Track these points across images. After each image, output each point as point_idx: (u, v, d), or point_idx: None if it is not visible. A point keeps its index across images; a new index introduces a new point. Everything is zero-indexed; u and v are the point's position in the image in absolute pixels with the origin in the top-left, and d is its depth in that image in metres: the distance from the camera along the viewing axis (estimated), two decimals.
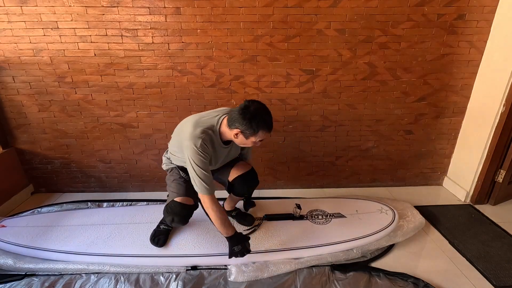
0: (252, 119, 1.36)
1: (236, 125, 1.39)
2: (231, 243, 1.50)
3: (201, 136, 1.40)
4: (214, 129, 1.46)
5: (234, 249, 1.49)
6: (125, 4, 1.92)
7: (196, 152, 1.39)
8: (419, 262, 1.72)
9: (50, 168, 2.36)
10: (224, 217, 1.48)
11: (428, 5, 2.00)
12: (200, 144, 1.39)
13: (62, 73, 2.07)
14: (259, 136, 1.41)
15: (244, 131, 1.39)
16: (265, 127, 1.39)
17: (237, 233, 1.52)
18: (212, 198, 1.45)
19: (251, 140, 1.43)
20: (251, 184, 1.76)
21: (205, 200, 1.46)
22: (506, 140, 2.09)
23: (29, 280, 1.57)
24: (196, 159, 1.40)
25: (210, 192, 1.45)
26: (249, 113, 1.36)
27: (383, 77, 2.19)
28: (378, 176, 2.53)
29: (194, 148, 1.39)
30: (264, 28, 2.01)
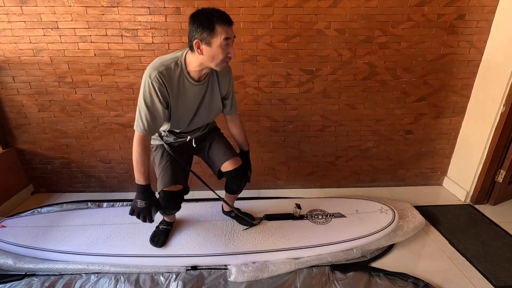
0: (202, 16, 1.18)
1: (193, 37, 1.21)
2: (137, 194, 1.39)
3: (158, 68, 1.25)
4: (179, 62, 1.30)
5: (137, 202, 1.37)
6: (125, 4, 1.92)
7: (148, 83, 1.26)
8: (419, 262, 1.72)
9: (50, 168, 2.36)
10: (142, 163, 1.35)
11: (428, 5, 2.00)
12: (154, 76, 1.24)
13: (62, 73, 2.08)
14: (219, 32, 1.18)
15: (201, 36, 1.19)
16: (220, 19, 1.18)
17: (149, 189, 1.39)
18: (143, 138, 1.33)
19: (216, 45, 1.20)
20: (240, 180, 1.67)
21: (135, 136, 1.35)
22: (506, 140, 2.09)
23: (29, 280, 1.57)
24: (144, 90, 1.27)
25: (144, 133, 1.32)
26: (197, 14, 1.20)
27: (383, 77, 2.19)
28: (378, 176, 2.53)
29: (148, 79, 1.25)
30: (264, 28, 2.01)
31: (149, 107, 1.30)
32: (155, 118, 1.32)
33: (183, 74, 1.32)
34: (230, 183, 1.70)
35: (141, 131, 1.33)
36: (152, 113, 1.31)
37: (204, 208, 2.09)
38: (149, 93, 1.27)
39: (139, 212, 1.38)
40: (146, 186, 1.39)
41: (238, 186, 1.71)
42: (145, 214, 1.38)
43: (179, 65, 1.31)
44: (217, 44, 1.21)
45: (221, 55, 1.24)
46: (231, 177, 1.64)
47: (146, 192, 1.39)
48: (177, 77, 1.31)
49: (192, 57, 1.29)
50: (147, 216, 1.39)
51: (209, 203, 2.15)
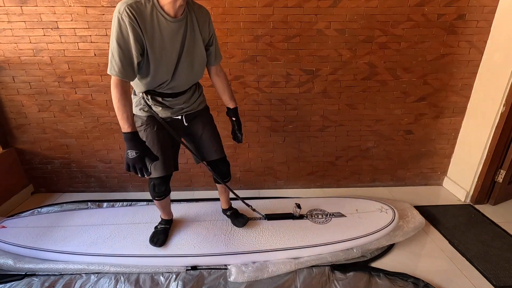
0: None
1: None
2: (127, 144, 1.26)
3: (127, 1, 1.16)
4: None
5: (128, 154, 1.25)
6: None
7: (117, 19, 1.16)
8: (419, 262, 1.72)
9: (50, 168, 2.36)
10: (123, 109, 1.24)
11: (428, 5, 2.00)
12: (123, 10, 1.14)
13: (62, 73, 2.08)
14: None
15: None
16: None
17: (136, 136, 1.28)
18: (119, 81, 1.23)
19: None
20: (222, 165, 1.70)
21: (112, 82, 1.25)
22: (506, 140, 2.09)
23: (29, 280, 1.57)
24: (114, 27, 1.17)
25: (120, 75, 1.22)
26: None
27: (383, 77, 2.19)
28: (378, 176, 2.53)
29: (117, 14, 1.15)
30: (264, 28, 2.01)
31: (121, 45, 1.18)
32: (129, 58, 1.22)
33: (155, 8, 1.21)
34: (214, 169, 1.71)
35: (115, 74, 1.22)
36: (124, 52, 1.19)
37: (204, 208, 2.09)
38: (119, 28, 1.17)
39: (133, 164, 1.26)
40: (132, 133, 1.26)
41: (221, 170, 1.71)
42: (140, 165, 1.26)
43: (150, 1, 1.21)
44: None
45: None
46: (213, 165, 1.69)
47: (134, 140, 1.27)
48: (149, 11, 1.20)
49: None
50: (142, 168, 1.27)
51: (209, 203, 2.16)
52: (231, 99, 1.64)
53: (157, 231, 1.80)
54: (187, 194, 2.40)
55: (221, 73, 1.60)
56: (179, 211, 2.02)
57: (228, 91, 1.63)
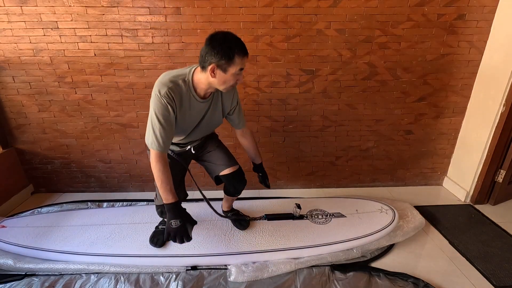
0: (223, 44, 1.21)
1: (209, 60, 1.23)
2: (169, 214, 1.31)
3: (168, 84, 1.27)
4: (186, 79, 1.32)
5: (171, 223, 1.29)
6: (125, 4, 1.92)
7: (158, 99, 1.26)
8: (419, 262, 1.72)
9: (50, 168, 2.36)
10: (167, 180, 1.31)
11: (428, 5, 2.00)
12: (164, 92, 1.26)
13: (62, 73, 2.08)
14: (236, 63, 1.24)
15: (219, 62, 1.22)
16: (240, 49, 1.23)
17: (179, 205, 1.34)
18: (160, 155, 1.30)
19: (231, 73, 1.26)
20: (238, 183, 1.68)
21: (152, 155, 1.31)
22: (506, 140, 2.09)
23: (29, 280, 1.57)
24: (156, 106, 1.27)
25: (161, 149, 1.30)
26: (218, 40, 1.22)
27: (383, 77, 2.19)
28: (378, 176, 2.53)
29: (158, 95, 1.27)
30: (264, 28, 2.01)
31: (162, 123, 1.29)
32: (168, 133, 1.32)
33: (190, 91, 1.34)
34: (227, 185, 1.71)
35: (157, 149, 1.30)
36: (165, 128, 1.30)
37: (204, 208, 2.09)
38: (160, 109, 1.28)
39: (175, 233, 1.30)
40: (176, 203, 1.32)
41: (235, 189, 1.71)
42: (182, 234, 1.30)
43: (187, 83, 1.33)
44: (232, 72, 1.26)
45: (232, 81, 1.30)
46: (228, 180, 1.66)
47: (177, 209, 1.32)
48: (184, 93, 1.33)
49: (201, 76, 1.31)
50: (184, 236, 1.30)
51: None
52: (256, 155, 1.75)
53: (158, 231, 1.80)
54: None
55: (247, 135, 1.69)
56: None
57: (254, 150, 1.73)
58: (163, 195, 1.32)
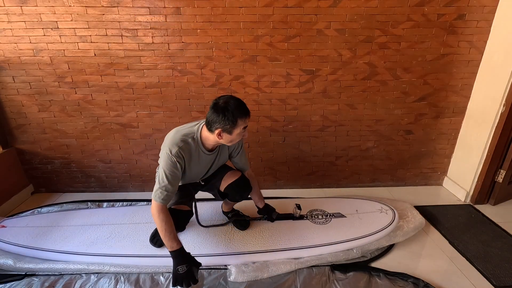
0: (226, 112, 1.33)
1: (215, 126, 1.37)
2: (175, 260, 1.36)
3: (179, 144, 1.40)
4: (195, 137, 1.46)
5: (178, 269, 1.33)
6: (125, 4, 1.92)
7: (169, 157, 1.39)
8: (419, 262, 1.72)
9: (50, 168, 2.36)
10: (170, 229, 1.38)
11: (428, 5, 2.00)
12: (175, 152, 1.39)
13: (62, 73, 2.08)
14: (239, 125, 1.37)
15: (224, 127, 1.36)
16: (241, 114, 1.36)
17: (184, 251, 1.39)
18: (161, 207, 1.38)
19: (236, 133, 1.40)
20: (243, 190, 1.70)
21: (154, 207, 1.38)
22: (506, 140, 2.09)
23: (29, 280, 1.57)
24: (166, 164, 1.39)
25: (163, 202, 1.38)
26: (221, 108, 1.34)
27: (383, 77, 2.19)
28: (378, 176, 2.53)
29: (168, 153, 1.39)
30: (264, 28, 2.01)
31: (170, 180, 1.39)
32: (173, 187, 1.42)
33: (198, 147, 1.47)
34: (233, 195, 1.72)
35: (160, 202, 1.38)
36: (171, 184, 1.40)
37: (204, 208, 2.09)
38: (171, 167, 1.39)
39: (182, 279, 1.32)
40: (180, 249, 1.38)
41: (242, 196, 1.74)
42: (188, 279, 1.33)
43: (196, 140, 1.46)
44: (237, 133, 1.40)
45: (238, 139, 1.45)
46: (232, 189, 1.68)
47: (182, 255, 1.38)
48: (194, 149, 1.46)
49: (208, 135, 1.43)
50: (191, 280, 1.33)
51: (209, 203, 2.15)
52: (259, 199, 1.84)
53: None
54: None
55: (251, 178, 1.76)
56: None
57: (257, 194, 1.82)
58: (167, 243, 1.38)
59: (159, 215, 1.37)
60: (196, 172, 1.57)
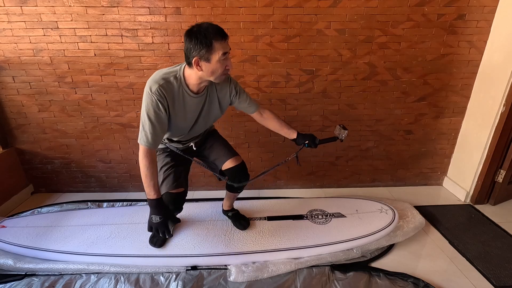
0: (199, 35, 1.20)
1: (191, 55, 1.24)
2: (151, 210, 1.36)
3: (159, 82, 1.28)
4: (178, 76, 1.33)
5: (152, 218, 1.35)
6: (125, 4, 1.92)
7: (149, 96, 1.28)
8: (419, 262, 1.72)
9: (50, 168, 2.36)
10: (151, 176, 1.34)
11: (428, 5, 2.00)
12: (156, 89, 1.27)
13: (62, 73, 2.08)
14: (217, 48, 1.23)
15: (200, 53, 1.22)
16: (216, 35, 1.22)
17: (161, 202, 1.38)
18: (148, 151, 1.32)
19: (215, 60, 1.25)
20: (243, 178, 1.69)
21: (140, 151, 1.33)
22: (506, 140, 2.09)
23: (29, 280, 1.57)
24: (147, 104, 1.29)
25: (148, 145, 1.31)
26: (193, 32, 1.22)
27: (383, 77, 2.19)
28: (378, 176, 2.53)
29: (148, 91, 1.28)
30: (264, 28, 2.01)
31: (152, 120, 1.30)
32: (158, 130, 1.33)
33: (182, 87, 1.35)
34: (231, 180, 1.69)
35: (145, 145, 1.32)
36: (154, 126, 1.31)
37: (204, 208, 2.09)
38: (151, 106, 1.29)
39: (156, 227, 1.37)
40: (158, 199, 1.37)
41: (240, 182, 1.70)
42: (163, 229, 1.37)
43: (178, 79, 1.34)
44: (216, 59, 1.25)
45: (220, 69, 1.29)
46: (232, 173, 1.66)
47: (159, 206, 1.37)
48: (176, 90, 1.34)
49: (190, 72, 1.32)
50: (165, 231, 1.38)
51: (209, 203, 2.16)
52: (289, 129, 1.66)
53: None
54: (187, 194, 2.39)
55: (266, 113, 1.65)
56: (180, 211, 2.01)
57: (283, 125, 1.65)
58: (146, 190, 1.35)
59: (143, 159, 1.33)
60: (183, 119, 1.42)
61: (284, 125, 1.65)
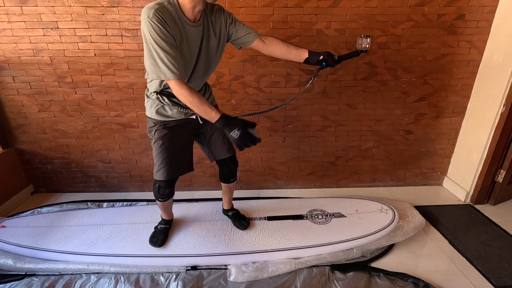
0: None
1: None
2: (226, 129, 1.24)
3: (154, 7, 1.18)
4: (172, 1, 1.24)
5: (232, 136, 1.23)
6: (125, 4, 1.92)
7: (149, 24, 1.16)
8: (419, 262, 1.72)
9: (50, 168, 2.36)
10: (199, 100, 1.23)
11: (428, 5, 2.00)
12: (153, 14, 1.16)
13: (62, 73, 2.08)
14: None
15: None
16: None
17: (228, 117, 1.25)
18: (179, 82, 1.22)
19: None
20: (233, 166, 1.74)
21: (174, 87, 1.23)
22: (506, 140, 2.09)
23: (29, 280, 1.57)
24: (149, 32, 1.17)
25: (177, 76, 1.21)
26: None
27: (383, 77, 2.19)
28: (378, 176, 2.53)
29: (147, 19, 1.16)
30: (264, 28, 2.01)
31: (164, 47, 1.18)
32: (176, 56, 1.21)
33: (178, 14, 1.24)
34: (222, 168, 1.75)
35: (173, 77, 1.20)
36: (169, 52, 1.19)
37: (204, 208, 2.09)
38: (155, 32, 1.17)
39: (244, 141, 1.23)
40: (222, 116, 1.24)
41: (230, 170, 1.75)
42: (249, 139, 1.24)
43: (173, 5, 1.23)
44: None
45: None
46: (224, 163, 1.71)
47: (229, 120, 1.24)
48: (174, 14, 1.23)
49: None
50: (252, 139, 1.24)
51: (209, 203, 2.16)
52: (298, 50, 1.48)
53: (157, 231, 1.80)
54: (187, 194, 2.40)
55: (268, 39, 1.49)
56: (179, 211, 2.02)
57: (290, 47, 1.48)
58: (206, 116, 1.25)
59: (182, 92, 1.22)
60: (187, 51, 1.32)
61: (292, 46, 1.48)
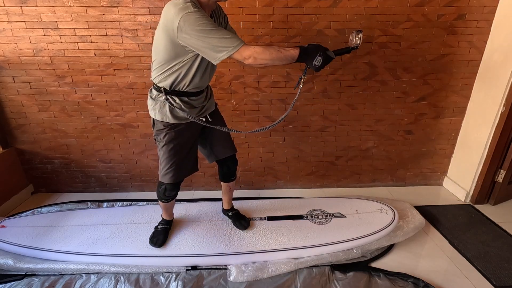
0: None
1: None
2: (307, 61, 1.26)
3: (185, 2, 1.19)
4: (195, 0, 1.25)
5: (314, 64, 1.25)
6: (125, 4, 1.92)
7: (194, 16, 1.16)
8: (419, 262, 1.72)
9: (50, 168, 2.36)
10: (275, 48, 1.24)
11: (428, 5, 2.00)
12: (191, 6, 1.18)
13: (62, 73, 2.08)
14: None
15: None
16: None
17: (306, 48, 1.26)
18: (247, 46, 1.22)
19: None
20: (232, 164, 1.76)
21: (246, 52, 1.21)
22: (506, 140, 2.09)
23: (29, 280, 1.57)
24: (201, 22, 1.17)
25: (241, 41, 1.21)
26: None
27: (383, 77, 2.19)
28: (378, 176, 2.53)
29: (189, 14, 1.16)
30: (264, 28, 2.01)
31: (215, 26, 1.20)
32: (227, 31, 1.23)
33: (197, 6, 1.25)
34: (222, 167, 1.76)
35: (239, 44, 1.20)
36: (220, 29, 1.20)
37: (204, 208, 2.09)
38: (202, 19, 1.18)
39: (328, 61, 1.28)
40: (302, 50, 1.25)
41: (229, 169, 1.77)
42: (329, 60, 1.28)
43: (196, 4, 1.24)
44: None
45: None
46: (225, 161, 1.73)
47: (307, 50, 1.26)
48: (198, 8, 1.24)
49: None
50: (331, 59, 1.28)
51: (209, 203, 2.16)
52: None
53: (157, 231, 1.80)
54: (187, 194, 2.40)
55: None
56: (179, 211, 2.02)
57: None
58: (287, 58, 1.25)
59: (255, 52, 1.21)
60: None
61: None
